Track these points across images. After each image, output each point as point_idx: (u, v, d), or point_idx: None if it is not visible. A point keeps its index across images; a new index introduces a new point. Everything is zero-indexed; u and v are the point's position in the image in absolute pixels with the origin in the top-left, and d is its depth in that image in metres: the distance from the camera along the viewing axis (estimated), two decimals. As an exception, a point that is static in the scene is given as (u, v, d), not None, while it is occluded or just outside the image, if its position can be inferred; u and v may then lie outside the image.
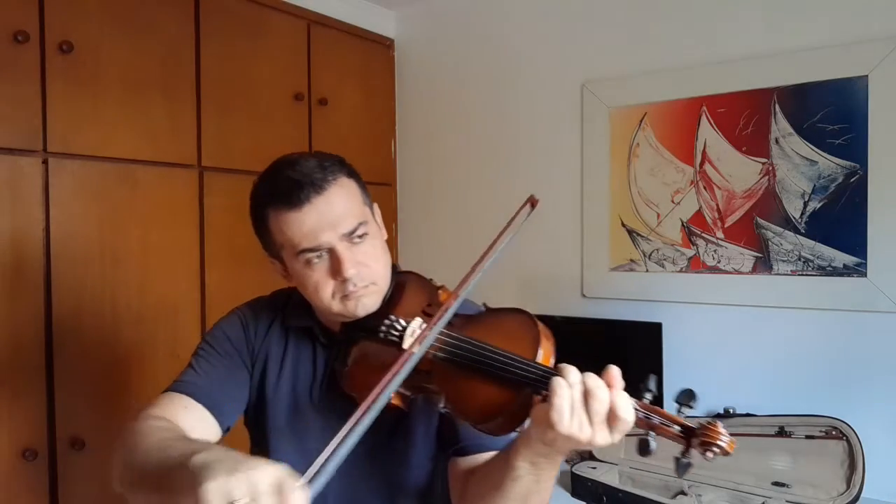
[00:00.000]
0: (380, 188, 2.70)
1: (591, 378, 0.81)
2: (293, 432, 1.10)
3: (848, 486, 1.72)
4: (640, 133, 2.19)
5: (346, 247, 1.01)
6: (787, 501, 1.75)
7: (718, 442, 0.77)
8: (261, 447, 1.14)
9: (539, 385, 0.84)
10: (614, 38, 2.25)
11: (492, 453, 1.03)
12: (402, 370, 0.87)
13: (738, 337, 2.02)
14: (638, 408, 0.81)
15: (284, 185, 1.00)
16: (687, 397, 0.83)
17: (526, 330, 0.94)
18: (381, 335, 0.99)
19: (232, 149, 2.11)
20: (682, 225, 2.12)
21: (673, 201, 2.14)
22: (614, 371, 0.83)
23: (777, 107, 1.95)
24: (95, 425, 1.77)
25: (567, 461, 2.11)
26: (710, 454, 0.78)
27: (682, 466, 0.79)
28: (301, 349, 1.14)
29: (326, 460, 0.76)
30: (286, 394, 1.12)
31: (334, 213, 1.00)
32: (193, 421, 1.02)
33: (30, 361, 1.67)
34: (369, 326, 1.02)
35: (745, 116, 2.00)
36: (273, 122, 2.24)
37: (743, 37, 2.00)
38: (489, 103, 2.55)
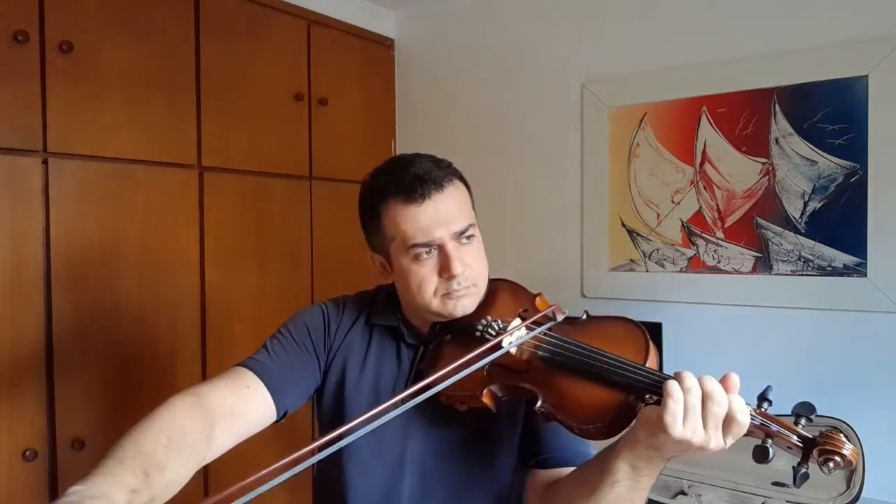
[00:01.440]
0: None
1: (710, 381, 0.82)
2: (371, 429, 1.11)
3: (848, 486, 1.72)
4: (640, 133, 2.19)
5: (456, 246, 1.04)
6: (787, 501, 1.75)
7: (842, 451, 0.77)
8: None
9: (650, 389, 0.85)
10: (614, 38, 2.25)
11: (573, 468, 1.03)
12: (486, 357, 0.89)
13: (738, 337, 2.02)
14: (755, 415, 0.81)
15: (406, 179, 1.03)
16: (807, 410, 0.82)
17: (634, 336, 0.95)
18: (478, 333, 1.01)
19: (232, 149, 2.11)
20: (682, 225, 2.12)
21: (673, 201, 2.14)
22: (734, 378, 0.84)
23: (777, 107, 1.95)
24: (95, 425, 1.78)
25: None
26: (831, 464, 0.77)
27: (800, 477, 0.79)
28: (385, 347, 1.15)
29: (355, 427, 0.79)
30: (367, 391, 1.13)
31: (449, 212, 1.04)
32: (248, 401, 1.04)
33: (30, 361, 1.67)
34: (462, 328, 1.04)
35: (745, 116, 2.00)
36: (273, 122, 2.24)
37: (743, 37, 2.00)
38: (489, 103, 2.55)
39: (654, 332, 2.04)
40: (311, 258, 2.36)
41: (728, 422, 0.80)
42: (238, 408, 1.02)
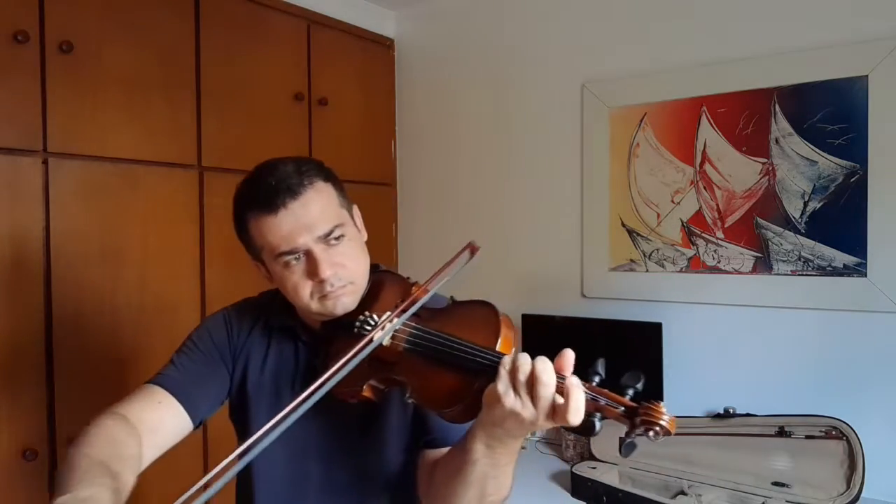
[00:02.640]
0: (380, 188, 2.70)
1: (541, 362, 0.83)
2: (277, 433, 1.13)
3: (848, 486, 1.72)
4: (640, 133, 2.19)
5: (323, 249, 1.04)
6: (787, 501, 1.75)
7: (660, 421, 0.77)
8: (242, 440, 1.16)
9: (492, 371, 0.87)
10: (614, 38, 2.25)
11: None
12: (359, 354, 0.92)
13: (738, 337, 2.03)
14: (586, 390, 0.82)
15: (262, 190, 1.05)
16: (634, 379, 0.82)
17: (486, 319, 0.97)
18: (356, 330, 1.03)
19: (232, 149, 2.11)
20: (682, 225, 2.12)
21: (673, 201, 2.14)
22: (567, 357, 0.85)
23: (777, 107, 1.95)
24: (95, 425, 1.77)
25: (567, 461, 2.11)
26: (651, 433, 0.78)
27: (626, 447, 0.80)
28: (283, 347, 1.18)
29: (263, 435, 0.82)
30: (268, 391, 1.16)
31: (310, 217, 1.04)
32: (163, 415, 1.08)
33: (30, 361, 1.67)
34: (346, 323, 1.06)
35: (745, 116, 2.00)
36: (273, 122, 2.24)
37: (743, 37, 2.00)
38: (489, 103, 2.55)
39: (654, 332, 2.05)
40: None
41: (559, 402, 0.81)
42: (155, 423, 1.06)
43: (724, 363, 2.04)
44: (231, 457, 0.85)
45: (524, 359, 0.84)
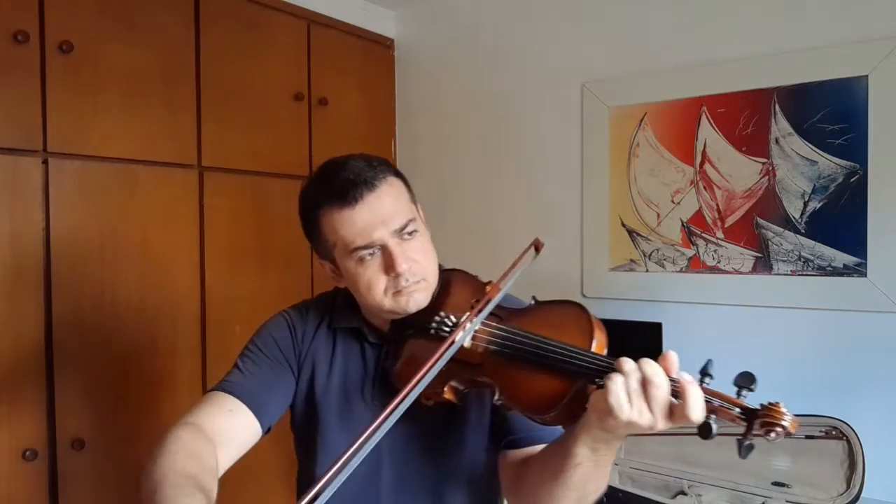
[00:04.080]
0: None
1: (649, 365, 0.82)
2: (344, 431, 1.12)
3: (848, 486, 1.72)
4: (640, 133, 2.19)
5: (398, 243, 1.04)
6: (787, 501, 1.75)
7: (782, 422, 0.77)
8: (309, 447, 1.16)
9: (596, 374, 0.85)
10: (614, 38, 2.25)
11: (542, 446, 1.05)
12: (443, 359, 0.89)
13: (738, 337, 2.02)
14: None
15: (337, 184, 1.03)
16: (746, 380, 0.82)
17: (578, 320, 0.95)
18: (433, 331, 1.01)
19: (232, 149, 2.11)
20: (682, 225, 2.12)
21: (673, 201, 2.14)
22: (672, 358, 0.84)
23: (777, 107, 1.95)
24: (95, 425, 1.77)
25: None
26: (772, 434, 0.77)
27: (744, 448, 0.79)
28: (349, 349, 1.16)
29: (360, 445, 0.79)
30: (336, 394, 1.14)
31: (386, 210, 1.03)
32: (235, 423, 1.05)
33: (30, 361, 1.67)
34: (420, 323, 1.04)
35: (745, 116, 2.00)
36: (273, 122, 2.24)
37: (743, 37, 2.00)
38: (489, 103, 2.55)
39: (654, 332, 2.05)
40: (311, 258, 2.36)
41: (675, 403, 0.81)
42: (229, 432, 1.04)
43: (723, 363, 2.03)
44: (332, 470, 0.81)
45: (630, 364, 0.82)
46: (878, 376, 1.81)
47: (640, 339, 2.08)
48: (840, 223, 1.86)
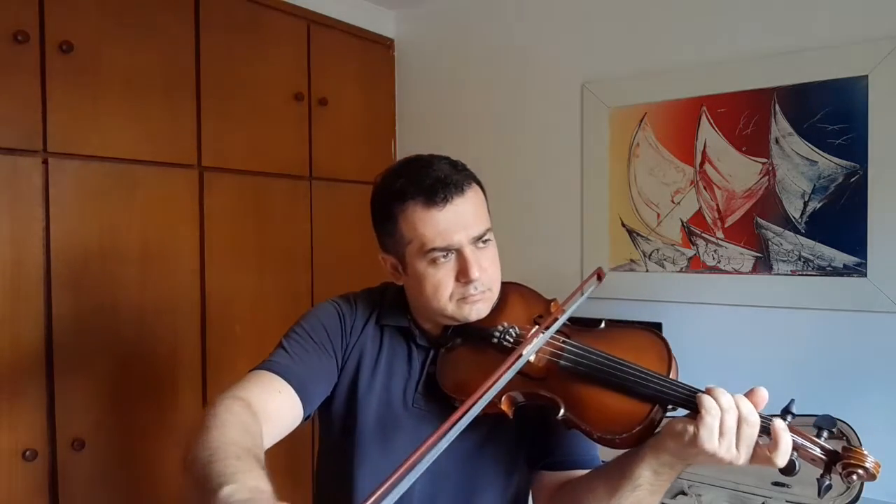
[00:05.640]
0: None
1: (745, 403, 0.82)
2: (381, 431, 1.10)
3: (848, 486, 1.71)
4: (640, 133, 2.19)
5: (473, 250, 1.04)
6: (787, 501, 1.75)
7: (865, 464, 0.79)
8: (339, 442, 1.13)
9: (677, 402, 0.85)
10: (614, 38, 2.25)
11: (585, 470, 1.04)
12: (510, 371, 0.88)
13: (738, 337, 2.02)
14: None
15: (427, 182, 1.03)
16: (828, 423, 0.83)
17: (656, 346, 0.95)
18: (496, 340, 1.01)
19: (232, 149, 2.11)
20: (682, 225, 2.12)
21: (673, 201, 2.14)
22: (763, 393, 0.84)
23: (777, 107, 1.95)
24: (95, 425, 1.77)
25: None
26: (854, 477, 0.79)
27: (825, 489, 0.80)
28: (396, 349, 1.14)
29: (419, 458, 0.76)
30: (378, 394, 1.12)
31: (468, 216, 1.04)
32: (281, 404, 1.02)
33: (30, 361, 1.67)
34: (478, 332, 1.04)
35: (745, 116, 2.00)
36: (273, 122, 2.24)
37: (743, 37, 2.00)
38: (489, 103, 2.55)
39: (654, 332, 2.05)
40: (311, 258, 2.36)
41: (761, 444, 0.81)
42: (274, 412, 1.00)
43: (724, 363, 2.04)
44: (389, 481, 0.77)
45: (729, 399, 0.82)
46: (878, 376, 1.81)
47: (640, 339, 2.08)
48: (840, 223, 1.86)
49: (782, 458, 0.79)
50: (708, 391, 0.84)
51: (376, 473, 1.08)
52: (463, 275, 1.02)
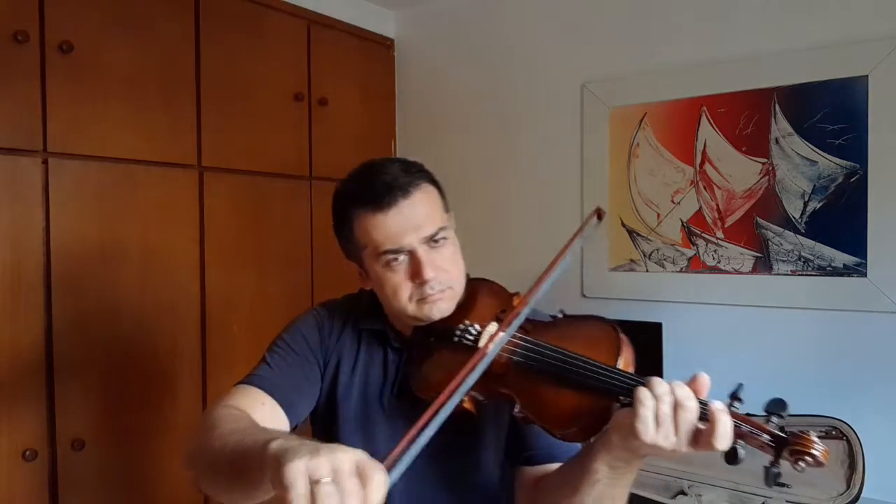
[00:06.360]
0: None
1: (681, 388, 0.81)
2: (362, 433, 1.12)
3: (848, 486, 1.72)
4: (640, 133, 2.19)
5: (427, 250, 1.04)
6: (787, 501, 1.75)
7: (812, 451, 0.76)
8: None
9: (622, 393, 0.84)
10: (614, 38, 2.25)
11: (559, 464, 1.04)
12: (475, 371, 0.88)
13: (738, 337, 2.02)
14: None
15: (373, 188, 1.04)
16: (779, 407, 0.80)
17: (606, 337, 0.94)
18: (456, 339, 1.01)
19: (232, 149, 2.11)
20: (682, 225, 2.12)
21: (673, 201, 2.14)
22: (704, 381, 0.83)
23: (777, 107, 1.95)
24: (95, 425, 1.77)
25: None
26: (801, 464, 0.76)
27: (771, 476, 0.78)
28: (372, 352, 1.16)
29: (397, 458, 0.77)
30: (357, 396, 1.14)
31: (418, 217, 1.03)
32: (266, 416, 1.04)
33: (30, 362, 1.67)
34: (443, 331, 1.04)
35: (745, 116, 2.00)
36: (273, 122, 2.24)
37: (743, 37, 2.00)
38: (489, 103, 2.55)
39: (654, 332, 2.05)
40: (311, 258, 2.36)
41: (702, 430, 0.79)
42: (262, 423, 1.02)
43: (724, 363, 2.04)
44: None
45: (663, 387, 0.81)
46: (878, 376, 1.81)
47: (640, 339, 2.07)
48: (840, 223, 1.86)
49: (722, 441, 0.77)
50: (647, 381, 0.84)
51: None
52: (416, 276, 1.02)
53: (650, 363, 2.03)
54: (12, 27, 1.62)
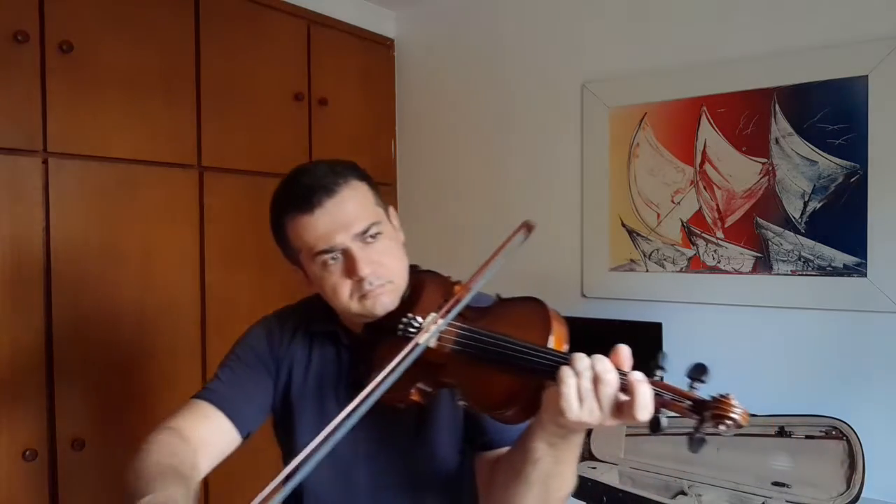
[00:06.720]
0: (380, 188, 2.70)
1: (600, 362, 0.82)
2: (318, 431, 1.12)
3: (848, 486, 1.72)
4: (640, 133, 2.19)
5: (360, 247, 1.04)
6: (787, 501, 1.75)
7: (732, 414, 0.76)
8: (287, 449, 1.18)
9: (550, 371, 0.85)
10: (614, 38, 2.25)
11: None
12: (406, 361, 0.89)
13: (738, 337, 2.02)
14: (650, 386, 0.80)
15: (298, 191, 1.05)
16: (699, 372, 0.81)
17: (536, 316, 0.95)
18: (399, 333, 1.01)
19: (232, 149, 2.11)
20: (682, 225, 2.12)
21: (673, 201, 2.14)
22: (624, 352, 0.84)
23: (777, 107, 1.95)
24: (95, 425, 1.77)
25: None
26: (722, 427, 0.76)
27: (695, 441, 0.78)
28: (325, 353, 1.17)
29: (317, 447, 0.81)
30: (312, 398, 1.15)
31: (346, 215, 1.03)
32: (212, 429, 1.09)
33: (30, 362, 1.67)
34: (389, 325, 1.04)
35: (745, 116, 2.00)
36: (273, 122, 2.24)
37: (743, 37, 2.00)
38: (489, 103, 2.55)
39: (654, 332, 2.05)
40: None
41: (624, 401, 0.80)
42: (206, 437, 1.07)
43: (724, 363, 2.03)
44: (284, 473, 0.84)
45: (583, 362, 0.82)
46: (878, 376, 1.81)
47: (640, 339, 2.08)
48: (840, 223, 1.86)
49: (643, 411, 0.78)
50: (569, 357, 0.85)
51: (318, 475, 1.11)
52: (352, 273, 1.03)
53: (650, 363, 2.03)
54: (12, 27, 1.62)
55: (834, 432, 1.76)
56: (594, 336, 2.41)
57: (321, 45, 2.41)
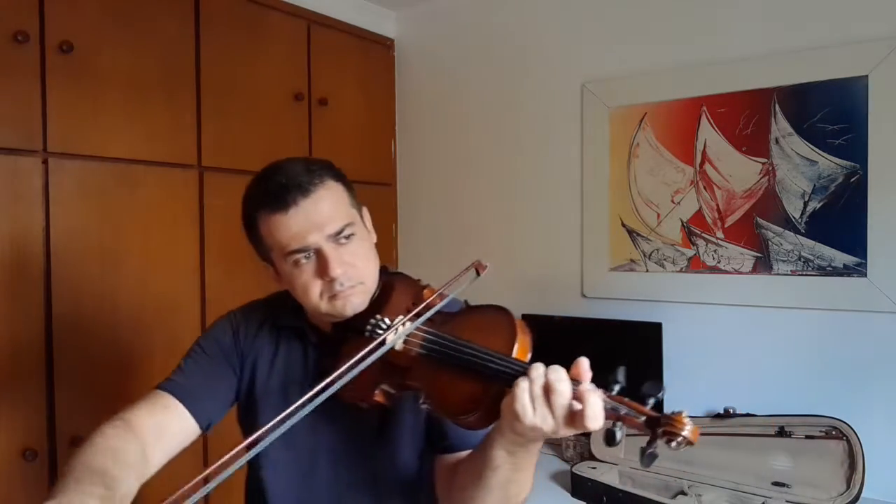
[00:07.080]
0: (380, 188, 2.70)
1: (554, 372, 0.83)
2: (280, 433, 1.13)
3: (848, 486, 1.72)
4: (640, 133, 2.19)
5: (333, 247, 1.04)
6: (787, 501, 1.75)
7: (682, 432, 0.77)
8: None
9: (509, 379, 0.86)
10: (614, 38, 2.25)
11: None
12: (368, 358, 0.91)
13: (738, 337, 2.02)
14: (605, 399, 0.81)
15: (272, 189, 1.05)
16: (654, 389, 0.82)
17: (502, 325, 0.96)
18: (367, 333, 1.02)
19: (232, 149, 2.11)
20: (682, 225, 2.12)
21: (673, 201, 2.14)
22: (583, 364, 0.85)
23: (777, 107, 1.95)
24: (95, 425, 1.76)
25: (567, 461, 2.11)
26: (674, 444, 0.77)
27: (647, 457, 0.79)
28: (292, 350, 1.18)
29: (267, 431, 0.83)
30: (277, 392, 1.16)
31: (320, 215, 1.03)
32: (170, 420, 1.09)
33: (30, 361, 1.67)
34: (357, 326, 1.05)
35: (745, 116, 2.00)
36: (273, 122, 2.25)
37: (743, 37, 2.00)
38: (489, 103, 2.55)
39: (654, 332, 2.05)
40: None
41: (576, 411, 0.81)
42: (161, 428, 1.07)
43: (724, 363, 2.04)
44: (234, 451, 0.84)
45: (538, 370, 0.84)
46: (878, 376, 1.81)
47: (641, 339, 2.09)
48: (840, 223, 1.86)
49: (593, 421, 0.79)
50: (527, 368, 0.86)
51: (278, 468, 1.14)
52: (324, 273, 1.03)
53: (650, 363, 2.03)
54: (12, 27, 1.62)
55: (834, 432, 1.76)
56: (594, 336, 2.42)
57: (321, 46, 2.41)
